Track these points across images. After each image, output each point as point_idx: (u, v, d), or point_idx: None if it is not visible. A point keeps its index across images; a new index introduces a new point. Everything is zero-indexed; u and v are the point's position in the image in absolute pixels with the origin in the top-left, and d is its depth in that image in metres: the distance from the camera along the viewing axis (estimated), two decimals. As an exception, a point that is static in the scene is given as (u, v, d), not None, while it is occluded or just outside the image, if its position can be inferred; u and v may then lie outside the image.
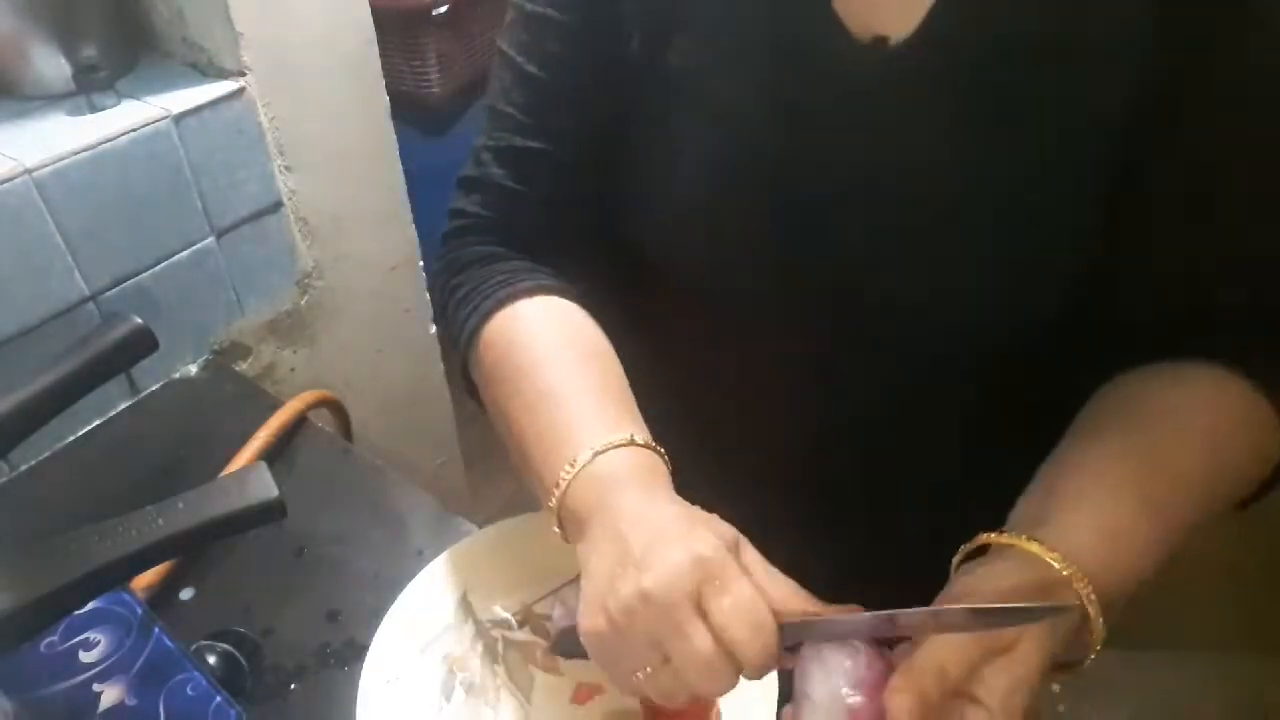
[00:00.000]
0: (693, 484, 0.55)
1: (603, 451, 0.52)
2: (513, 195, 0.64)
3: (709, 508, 0.51)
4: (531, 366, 0.58)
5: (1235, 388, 0.53)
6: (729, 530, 0.49)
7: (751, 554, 0.48)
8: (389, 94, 1.11)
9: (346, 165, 1.10)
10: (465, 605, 0.67)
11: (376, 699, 0.61)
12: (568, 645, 0.59)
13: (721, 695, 0.45)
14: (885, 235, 0.57)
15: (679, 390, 0.62)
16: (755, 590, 0.45)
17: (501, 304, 0.61)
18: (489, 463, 1.92)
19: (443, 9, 1.60)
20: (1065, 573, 0.45)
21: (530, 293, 0.62)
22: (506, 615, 0.67)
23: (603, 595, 0.47)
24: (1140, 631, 1.62)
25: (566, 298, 0.63)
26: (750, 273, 0.61)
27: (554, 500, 0.53)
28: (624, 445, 0.53)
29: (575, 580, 0.67)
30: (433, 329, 1.31)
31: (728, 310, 0.64)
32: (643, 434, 0.55)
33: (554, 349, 0.59)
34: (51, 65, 0.90)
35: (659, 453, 0.55)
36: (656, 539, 0.47)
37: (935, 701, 0.41)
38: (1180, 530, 0.50)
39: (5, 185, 0.80)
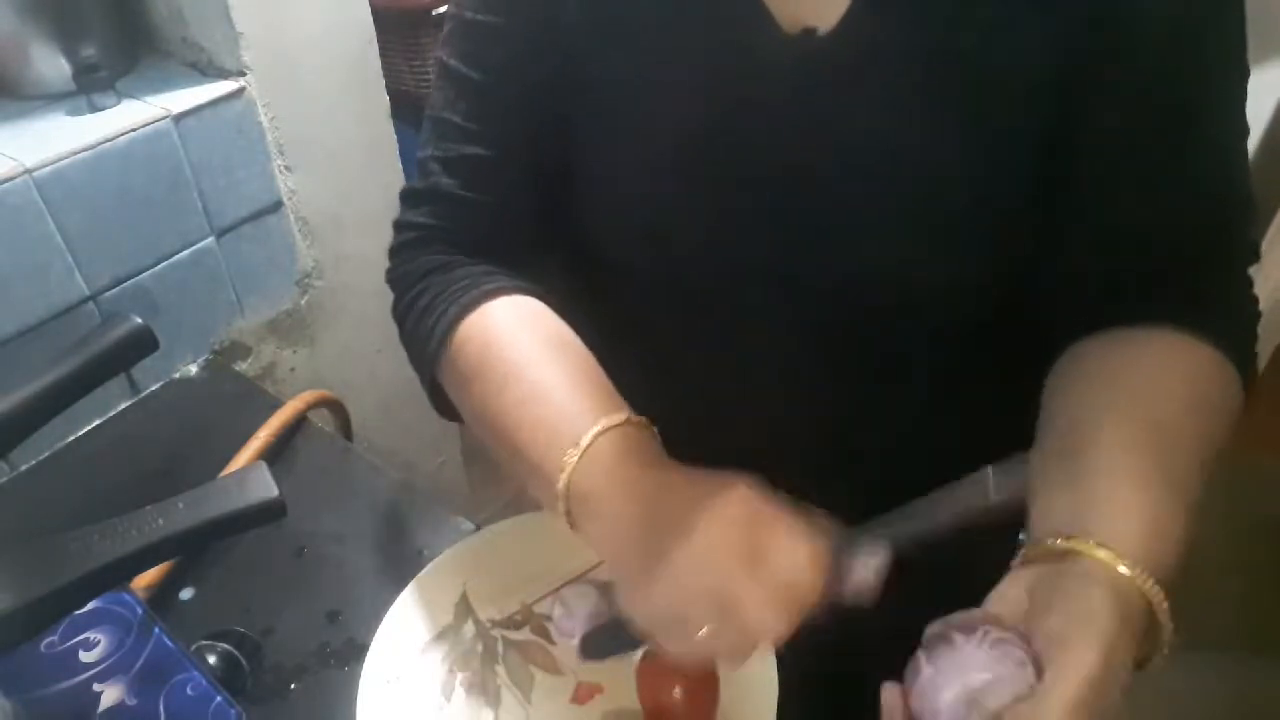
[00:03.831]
0: None
1: (604, 432, 0.53)
2: (464, 203, 0.64)
3: None
4: (516, 364, 0.58)
5: (1203, 352, 0.54)
6: (749, 482, 0.50)
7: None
8: (389, 94, 1.11)
9: (346, 165, 1.10)
10: (465, 605, 0.67)
11: (376, 699, 0.61)
12: (597, 646, 0.60)
13: (784, 638, 0.46)
14: (829, 221, 0.58)
15: (638, 389, 0.63)
16: (799, 526, 0.47)
17: (469, 308, 0.61)
18: (489, 463, 1.92)
19: (443, 9, 1.60)
20: (1131, 575, 0.44)
21: (496, 294, 0.62)
22: (506, 615, 0.67)
23: (646, 562, 0.48)
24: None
25: (530, 297, 0.64)
26: (699, 269, 0.62)
27: (561, 483, 0.53)
28: (622, 425, 0.54)
29: (575, 580, 0.67)
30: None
31: (682, 307, 0.65)
32: (634, 415, 0.55)
33: (533, 345, 0.60)
34: (51, 65, 0.90)
35: (652, 430, 0.56)
36: (694, 498, 0.48)
37: None
38: (1196, 507, 0.49)
39: (5, 185, 0.80)
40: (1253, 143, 0.57)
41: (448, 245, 0.66)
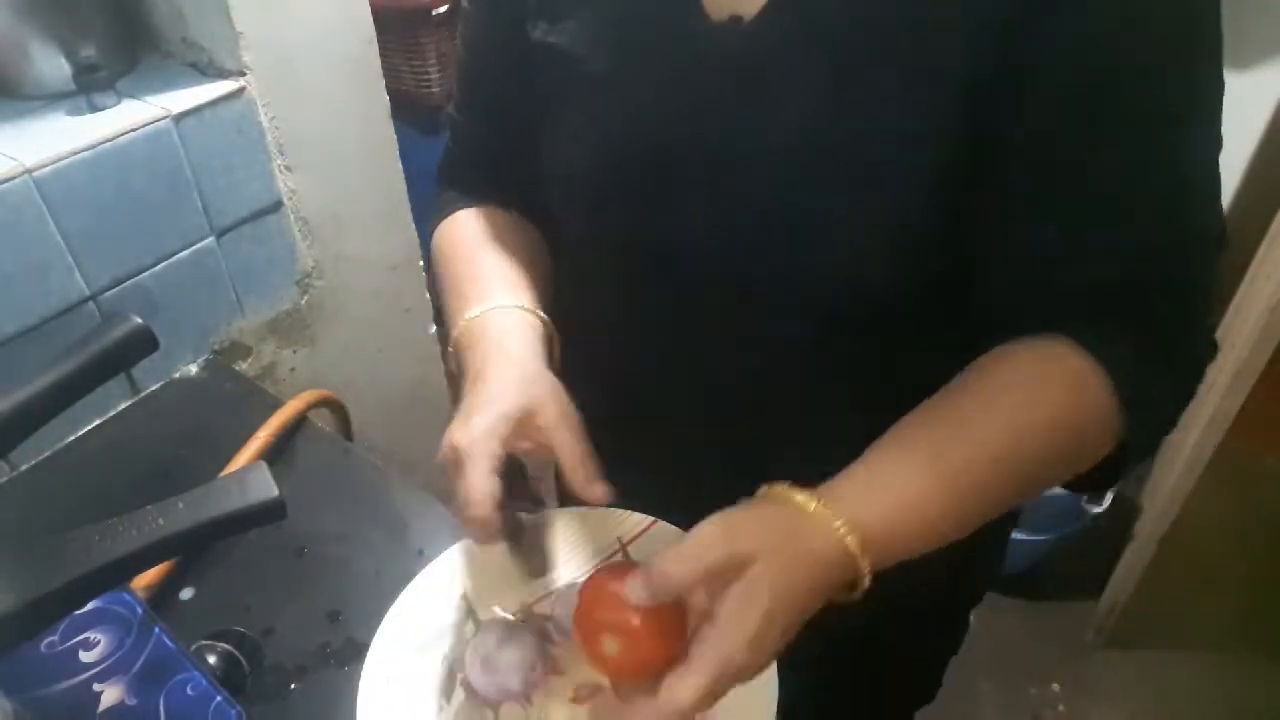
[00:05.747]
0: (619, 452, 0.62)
1: (491, 310, 0.64)
2: (451, 152, 0.79)
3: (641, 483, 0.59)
4: (464, 253, 0.72)
5: (1071, 363, 0.53)
6: (536, 397, 0.58)
7: (550, 416, 0.58)
8: (389, 94, 1.11)
9: (346, 165, 1.10)
10: (465, 605, 0.67)
11: (376, 699, 0.61)
12: None
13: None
14: (754, 205, 0.58)
15: (597, 358, 0.68)
16: (477, 480, 0.55)
17: (443, 219, 0.76)
18: (489, 463, 1.92)
19: (443, 9, 1.60)
20: (813, 508, 0.48)
21: (466, 205, 0.75)
22: (506, 615, 0.67)
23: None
24: (1140, 631, 1.62)
25: (501, 208, 0.75)
26: (636, 248, 0.65)
27: (451, 344, 0.65)
28: (508, 307, 0.64)
29: (575, 580, 0.67)
30: (433, 329, 1.31)
31: (620, 280, 0.69)
32: (532, 302, 0.65)
33: (480, 240, 0.72)
34: (51, 65, 0.90)
35: (542, 319, 0.65)
36: (465, 407, 0.58)
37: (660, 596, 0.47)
38: (977, 493, 0.52)
39: (5, 185, 0.80)
40: (1253, 143, 0.55)
41: (456, 165, 0.79)
